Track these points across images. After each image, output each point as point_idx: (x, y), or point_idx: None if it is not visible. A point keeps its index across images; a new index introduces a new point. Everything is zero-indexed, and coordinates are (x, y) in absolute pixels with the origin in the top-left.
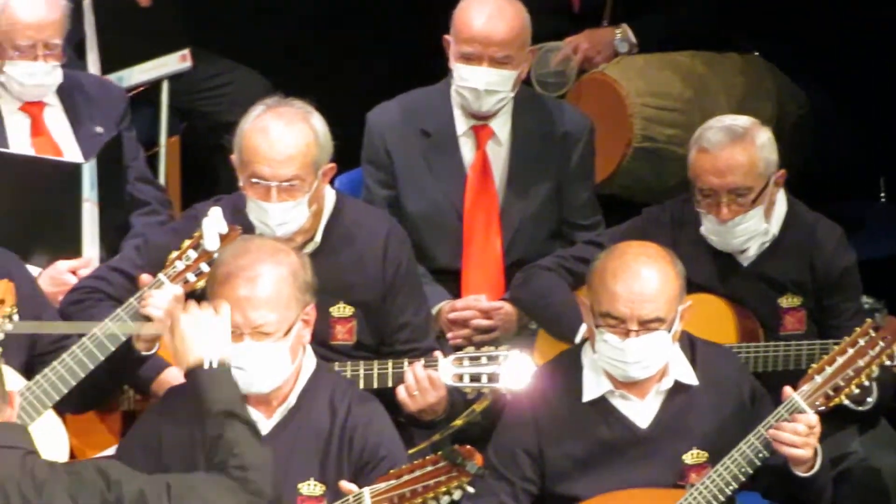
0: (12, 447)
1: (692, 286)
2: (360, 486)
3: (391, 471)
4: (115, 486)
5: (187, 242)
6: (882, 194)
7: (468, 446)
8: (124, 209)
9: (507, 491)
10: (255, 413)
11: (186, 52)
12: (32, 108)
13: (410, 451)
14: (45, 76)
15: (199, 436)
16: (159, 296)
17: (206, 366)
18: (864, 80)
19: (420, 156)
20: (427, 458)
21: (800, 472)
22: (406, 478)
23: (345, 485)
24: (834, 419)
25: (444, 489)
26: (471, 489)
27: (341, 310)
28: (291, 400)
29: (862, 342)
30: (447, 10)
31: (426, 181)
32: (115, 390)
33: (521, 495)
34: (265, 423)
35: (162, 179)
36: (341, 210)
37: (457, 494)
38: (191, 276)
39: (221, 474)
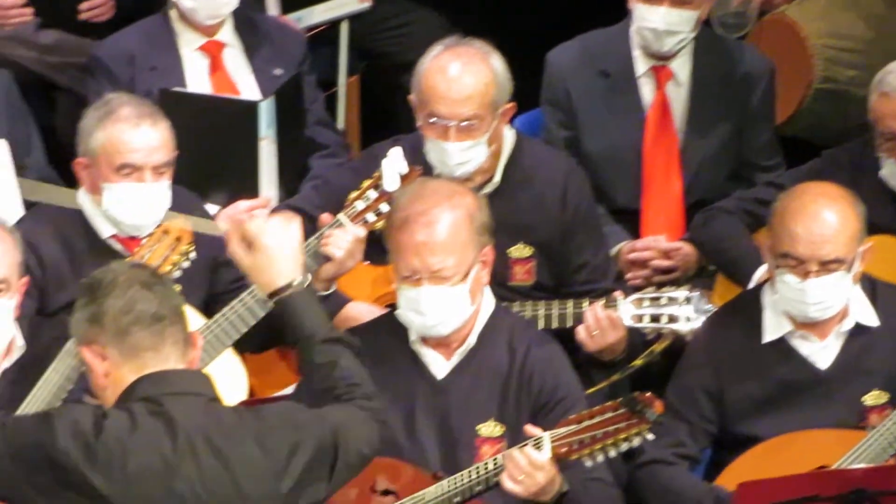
0: (196, 394)
1: (872, 228)
2: (538, 427)
3: (571, 416)
4: (301, 431)
5: (367, 182)
6: None
7: (648, 393)
8: (303, 152)
9: (686, 431)
10: (433, 355)
11: None
12: (211, 48)
13: (589, 392)
14: None
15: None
16: (339, 236)
17: (295, 286)
18: None
19: (599, 96)
20: (607, 404)
21: None
22: (586, 423)
23: (528, 428)
24: None
25: (623, 436)
26: (650, 436)
27: (520, 250)
28: (471, 341)
29: None
30: None
31: (606, 121)
32: None
33: (700, 435)
34: (444, 364)
35: (341, 119)
36: (520, 150)
37: (636, 441)
38: (370, 217)
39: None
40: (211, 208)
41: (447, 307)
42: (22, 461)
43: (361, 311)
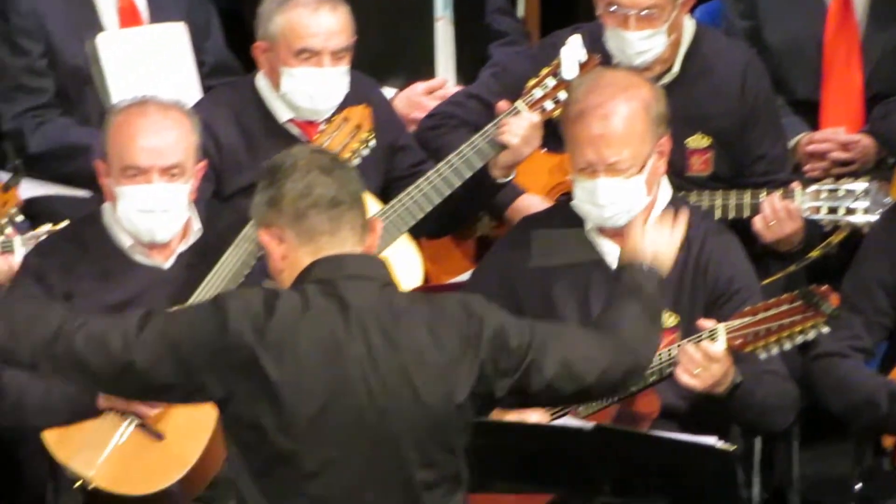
0: (370, 278)
1: None
2: (713, 319)
3: (746, 308)
4: (476, 321)
5: (545, 70)
6: None
7: (825, 286)
8: (482, 39)
9: (861, 323)
10: (609, 244)
11: None
12: None
13: (765, 283)
14: None
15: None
16: (516, 123)
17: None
18: None
19: None
20: (783, 296)
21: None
22: (761, 315)
23: (702, 321)
24: None
25: (798, 329)
26: (826, 329)
27: (698, 141)
28: None
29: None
30: None
31: (787, 12)
32: (471, 216)
33: (875, 328)
34: (618, 253)
35: (521, 7)
36: (700, 40)
37: (811, 334)
38: (548, 105)
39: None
40: (388, 91)
41: (623, 199)
42: (195, 347)
43: (534, 203)
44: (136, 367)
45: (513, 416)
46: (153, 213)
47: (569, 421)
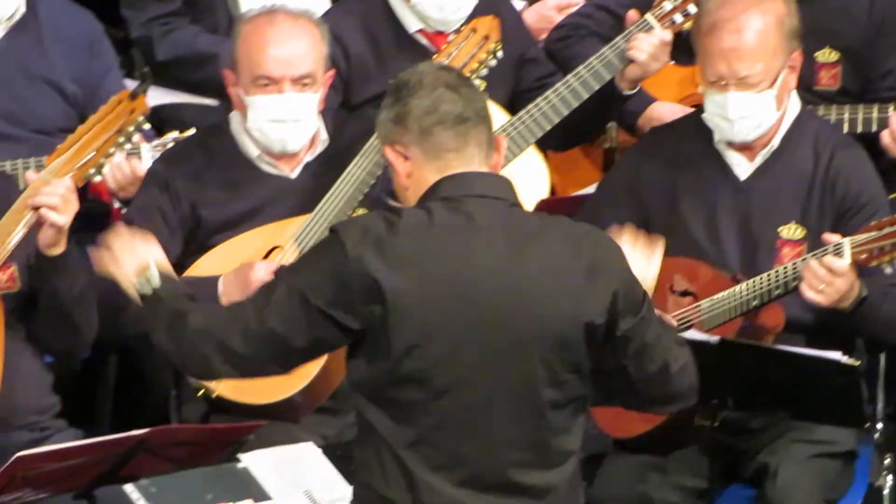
0: (497, 197)
1: None
2: (840, 233)
3: (873, 222)
4: (607, 251)
5: None
6: None
7: None
8: None
9: None
10: (737, 157)
11: None
12: None
13: (892, 196)
14: None
15: (682, 181)
16: (646, 40)
17: None
18: None
19: None
20: None
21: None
22: (887, 230)
23: (827, 236)
24: None
25: None
26: None
27: (826, 55)
28: (774, 143)
29: None
30: None
31: None
32: (598, 128)
33: None
34: (747, 166)
35: None
36: None
37: None
38: (677, 17)
39: None
40: (517, 3)
41: (754, 113)
42: (322, 289)
43: (665, 111)
44: (274, 339)
45: None
46: (284, 122)
47: (693, 334)
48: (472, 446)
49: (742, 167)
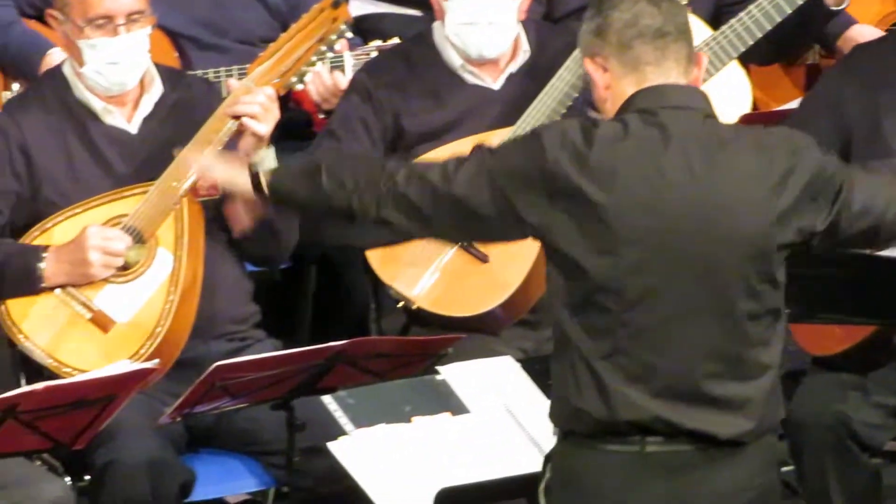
0: (693, 108)
1: None
2: None
3: None
4: (799, 153)
5: None
6: None
7: None
8: None
9: None
10: None
11: None
12: None
13: None
14: None
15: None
16: None
17: None
18: None
19: None
20: None
21: None
22: None
23: None
24: None
25: None
26: None
27: None
28: None
29: None
30: None
31: None
32: (802, 44)
33: None
34: None
35: None
36: None
37: None
38: None
39: None
40: None
41: None
42: (512, 178)
43: (865, 32)
44: (454, 201)
45: None
46: (478, 25)
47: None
48: (667, 357)
49: None
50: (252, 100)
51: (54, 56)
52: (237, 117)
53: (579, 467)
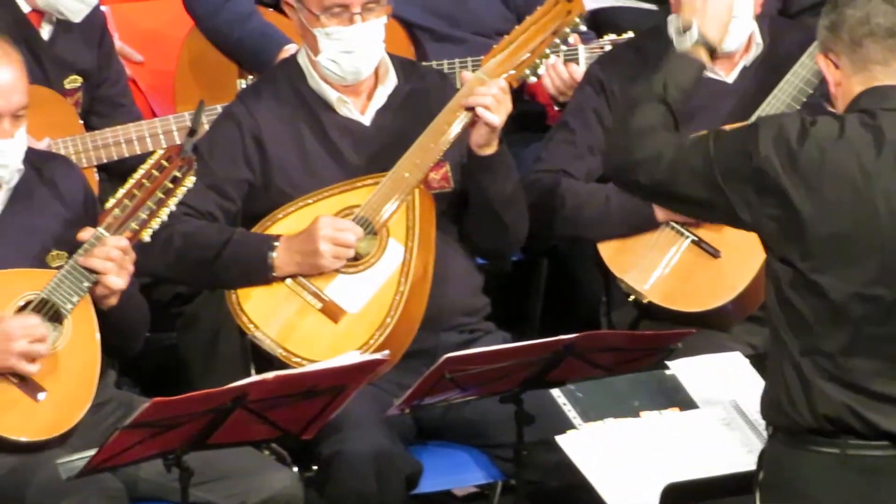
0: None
1: None
2: None
3: None
4: None
5: None
6: None
7: None
8: None
9: None
10: None
11: None
12: None
13: None
14: None
15: None
16: None
17: None
18: None
19: None
20: None
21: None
22: None
23: None
24: None
25: None
26: None
27: None
28: None
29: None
30: None
31: None
32: None
33: None
34: None
35: None
36: None
37: None
38: None
39: None
40: None
41: None
42: (726, 168)
43: None
44: (677, 183)
45: None
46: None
47: None
48: (868, 359)
49: None
50: (486, 91)
51: (290, 52)
52: (470, 109)
53: (785, 465)
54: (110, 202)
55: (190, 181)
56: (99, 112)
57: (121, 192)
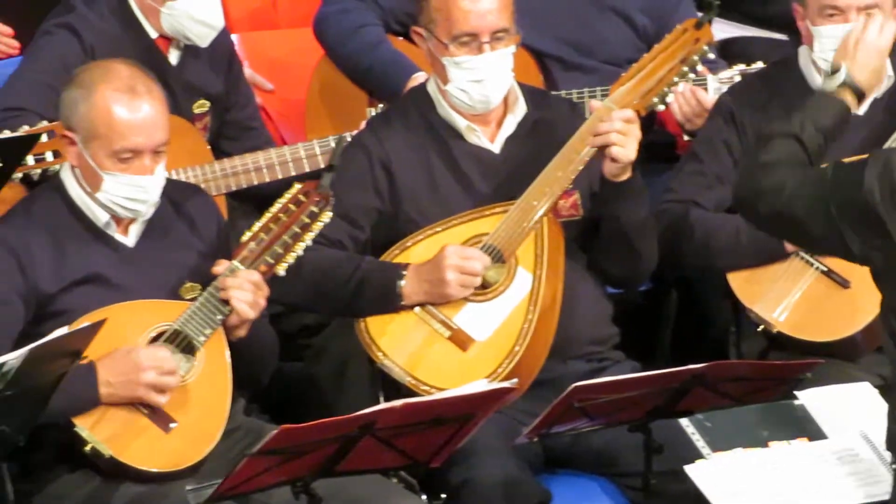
0: None
1: None
2: None
3: None
4: None
5: None
6: None
7: None
8: None
9: None
10: None
11: None
12: None
13: None
14: None
15: None
16: None
17: None
18: None
19: None
20: None
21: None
22: None
23: None
24: None
25: None
26: None
27: None
28: None
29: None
30: None
31: None
32: None
33: None
34: None
35: None
36: None
37: None
38: None
39: None
40: None
41: None
42: (838, 200)
43: None
44: (795, 214)
45: None
46: None
47: None
48: None
49: None
50: (609, 127)
51: (419, 80)
52: (598, 136)
53: None
54: (246, 235)
55: (327, 216)
56: (228, 136)
57: (257, 225)
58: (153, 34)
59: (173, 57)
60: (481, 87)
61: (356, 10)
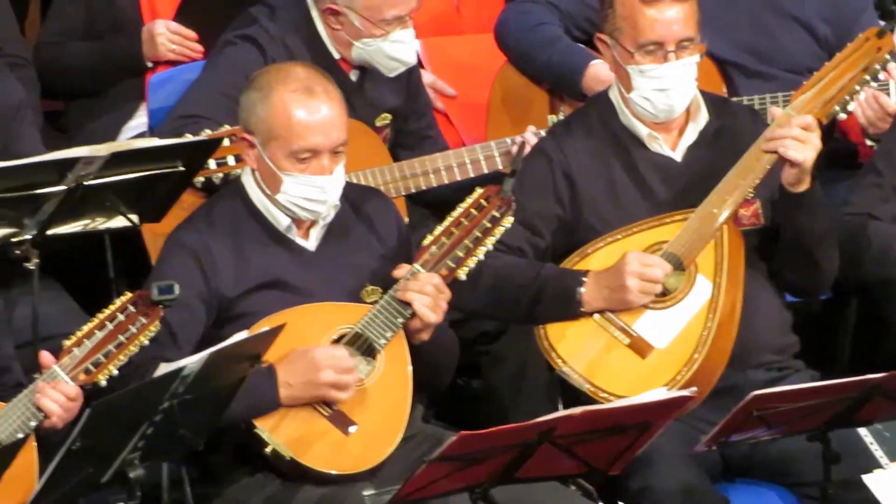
0: None
1: None
2: None
3: None
4: None
5: None
6: None
7: None
8: None
9: None
10: None
11: None
12: None
13: None
14: None
15: None
16: None
17: None
18: None
19: None
20: None
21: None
22: None
23: None
24: None
25: None
26: None
27: None
28: None
29: None
30: None
31: None
32: None
33: None
34: None
35: None
36: None
37: None
38: None
39: None
40: None
41: None
42: None
43: None
44: None
45: None
46: None
47: None
48: None
49: None
50: (786, 133)
51: (597, 67)
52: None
53: None
54: (427, 239)
55: (508, 221)
56: (405, 145)
57: (438, 229)
58: (335, 55)
59: (353, 75)
60: (665, 96)
61: (536, 11)
